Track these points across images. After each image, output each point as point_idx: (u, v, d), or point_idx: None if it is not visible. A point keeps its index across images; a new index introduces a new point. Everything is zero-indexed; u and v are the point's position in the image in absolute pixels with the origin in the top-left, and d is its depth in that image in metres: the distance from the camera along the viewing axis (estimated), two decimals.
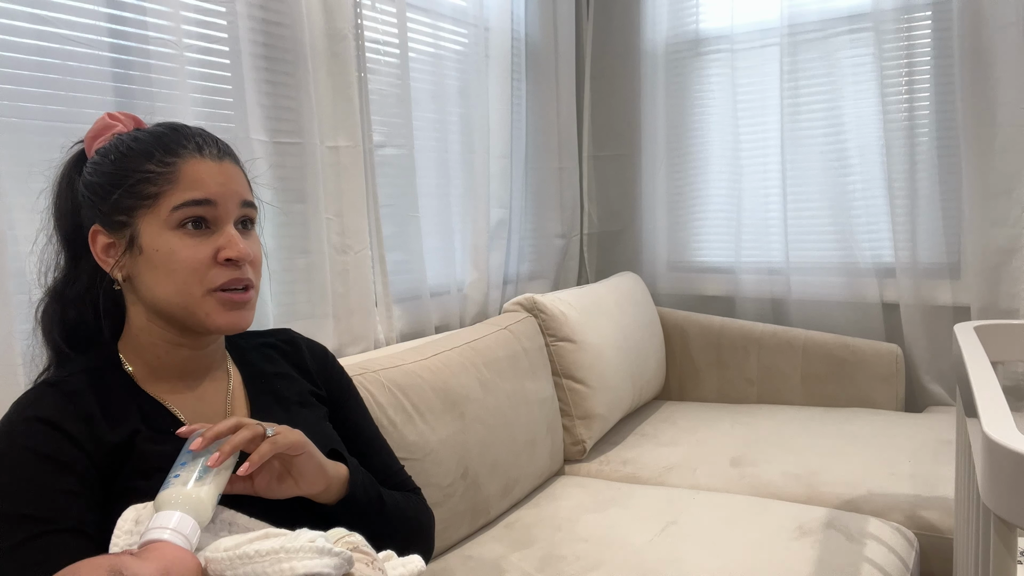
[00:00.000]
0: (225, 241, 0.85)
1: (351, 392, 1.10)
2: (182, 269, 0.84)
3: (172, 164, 0.84)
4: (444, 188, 2.05)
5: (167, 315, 0.87)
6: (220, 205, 0.86)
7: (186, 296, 0.84)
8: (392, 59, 1.82)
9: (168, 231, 0.84)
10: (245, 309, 0.88)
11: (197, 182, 0.85)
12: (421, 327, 1.91)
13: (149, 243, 0.84)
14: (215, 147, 0.88)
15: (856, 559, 1.32)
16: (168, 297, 0.85)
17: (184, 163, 0.85)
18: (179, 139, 0.87)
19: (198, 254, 0.84)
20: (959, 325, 1.17)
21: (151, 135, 0.87)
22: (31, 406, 0.80)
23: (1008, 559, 0.70)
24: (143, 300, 0.87)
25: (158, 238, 0.84)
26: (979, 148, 2.03)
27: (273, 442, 0.81)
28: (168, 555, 0.68)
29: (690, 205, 2.54)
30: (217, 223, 0.86)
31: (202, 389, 0.92)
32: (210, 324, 0.86)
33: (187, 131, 0.89)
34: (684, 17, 2.49)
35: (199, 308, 0.85)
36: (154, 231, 0.84)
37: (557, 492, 1.73)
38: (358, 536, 0.82)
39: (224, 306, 0.86)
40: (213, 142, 0.89)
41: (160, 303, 0.86)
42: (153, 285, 0.85)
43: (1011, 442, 0.64)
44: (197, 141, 0.87)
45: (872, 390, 2.16)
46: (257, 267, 0.91)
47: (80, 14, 1.22)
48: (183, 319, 0.86)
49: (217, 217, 0.86)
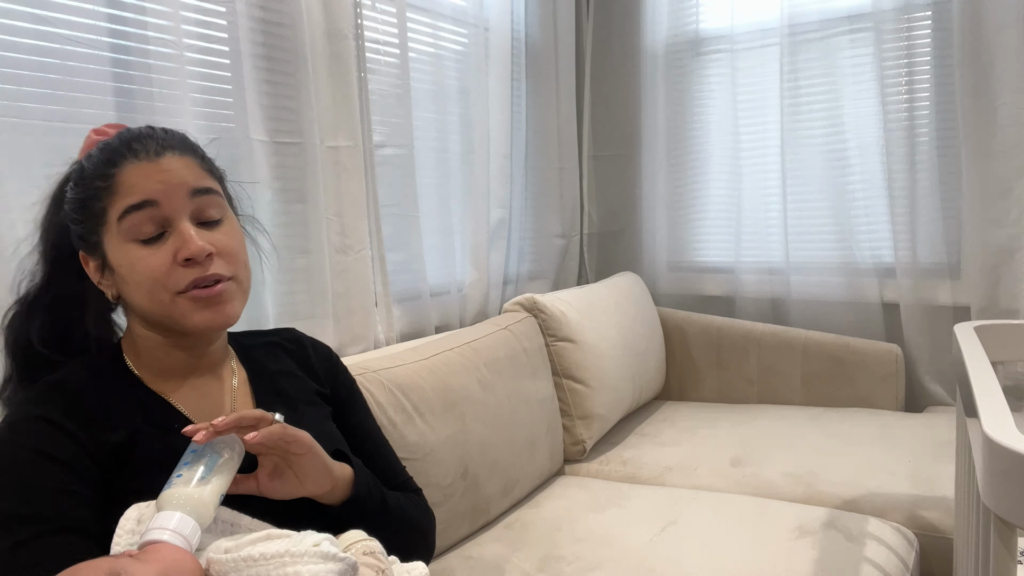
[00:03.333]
0: (180, 241, 0.83)
1: (355, 392, 1.10)
2: (145, 280, 0.83)
3: (111, 175, 0.83)
4: (444, 188, 2.05)
5: (153, 323, 0.87)
6: (163, 203, 0.83)
7: (158, 304, 0.84)
8: (392, 59, 1.82)
9: (124, 244, 0.83)
10: (221, 303, 0.86)
11: (132, 187, 0.82)
12: (421, 327, 1.91)
13: (114, 260, 0.84)
14: (153, 143, 0.85)
15: (856, 559, 1.32)
16: (144, 306, 0.85)
17: (121, 171, 0.83)
18: (120, 147, 0.84)
19: (155, 261, 0.83)
20: (959, 325, 1.18)
21: (99, 149, 0.86)
22: (32, 404, 0.80)
23: (1008, 559, 0.70)
24: (132, 312, 0.89)
25: (118, 253, 0.84)
26: (979, 148, 2.03)
27: (284, 425, 0.82)
28: (168, 557, 0.68)
29: (690, 205, 2.54)
30: (169, 223, 0.83)
31: (206, 387, 0.92)
32: (188, 325, 0.85)
33: (127, 136, 0.86)
34: (684, 17, 2.49)
35: (173, 312, 0.84)
36: (114, 247, 0.84)
37: (557, 492, 1.73)
38: (376, 543, 0.82)
39: (197, 304, 0.84)
40: (151, 139, 0.85)
41: (143, 313, 0.87)
42: (131, 297, 0.86)
43: (1011, 442, 0.64)
44: (134, 145, 0.84)
45: (872, 390, 2.16)
46: (232, 256, 0.87)
47: (80, 14, 1.22)
48: (166, 325, 0.87)
49: (166, 217, 0.83)
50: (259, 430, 0.80)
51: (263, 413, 0.82)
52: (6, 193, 1.11)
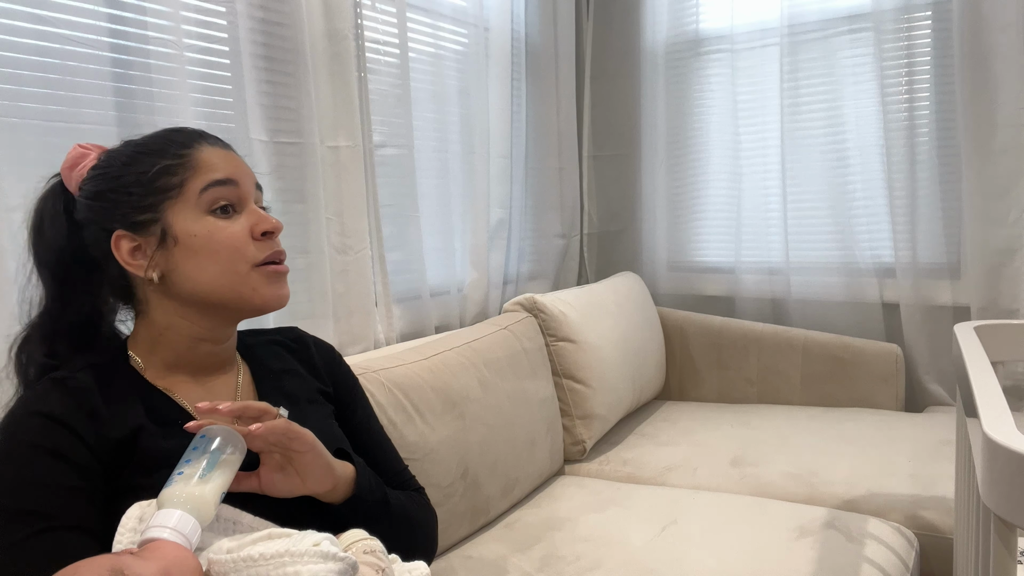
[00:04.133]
0: (257, 217, 0.89)
1: (358, 391, 1.10)
2: (224, 248, 0.86)
3: (186, 155, 0.87)
4: (444, 188, 2.05)
5: (210, 303, 0.87)
6: (241, 185, 0.89)
7: (232, 275, 0.86)
8: (392, 59, 1.82)
9: (201, 216, 0.86)
10: (285, 282, 0.91)
11: (215, 165, 0.88)
12: (421, 327, 1.91)
13: (184, 230, 0.85)
14: (214, 138, 0.92)
15: (856, 559, 1.32)
16: (213, 280, 0.86)
17: (197, 151, 0.88)
18: (184, 134, 0.90)
19: (236, 230, 0.87)
20: (959, 325, 1.17)
21: (151, 137, 0.90)
22: (35, 402, 0.80)
23: (1008, 559, 0.70)
24: (181, 294, 0.87)
25: (194, 224, 0.85)
26: (979, 148, 2.03)
27: (288, 421, 0.83)
28: (169, 555, 0.68)
29: (690, 205, 2.54)
30: (241, 203, 0.89)
31: (211, 384, 0.92)
32: (257, 300, 0.88)
33: (188, 128, 0.92)
34: (684, 17, 2.49)
35: (245, 285, 0.87)
36: (187, 218, 0.85)
37: (557, 492, 1.73)
38: (377, 542, 0.83)
39: (269, 279, 0.89)
40: (212, 136, 0.92)
41: (203, 290, 0.86)
42: (195, 273, 0.85)
43: (1011, 442, 0.64)
44: (200, 134, 0.91)
45: (872, 390, 2.16)
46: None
47: (80, 14, 1.22)
48: (229, 300, 0.87)
49: (240, 197, 0.89)
50: (264, 424, 0.80)
51: (267, 406, 0.83)
52: (6, 193, 1.11)
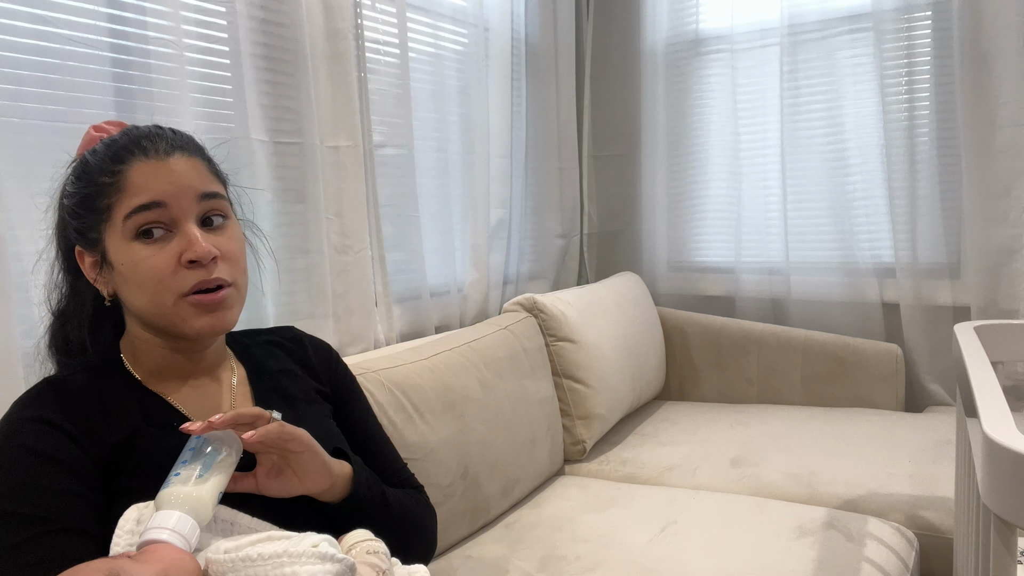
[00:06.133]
0: (186, 243, 0.82)
1: (355, 390, 1.10)
2: (148, 280, 0.82)
3: (119, 172, 0.82)
4: (444, 188, 2.05)
5: (151, 325, 0.87)
6: (172, 205, 0.82)
7: (159, 305, 0.83)
8: (392, 59, 1.82)
9: (127, 242, 0.82)
10: (222, 309, 0.85)
11: (142, 186, 0.82)
12: (421, 327, 1.91)
13: (115, 257, 0.83)
14: (163, 143, 0.85)
15: (856, 559, 1.32)
16: (144, 308, 0.85)
17: (130, 169, 0.82)
18: (127, 144, 0.84)
19: (159, 262, 0.82)
20: (959, 325, 1.18)
21: (105, 145, 0.85)
22: (31, 405, 0.80)
23: (1008, 559, 0.70)
24: (129, 312, 0.88)
25: (121, 251, 0.83)
26: (979, 148, 2.03)
27: (282, 424, 0.82)
28: (167, 557, 0.68)
29: (690, 205, 2.54)
30: (175, 224, 0.83)
31: (205, 386, 0.92)
32: (188, 330, 0.84)
33: (136, 133, 0.86)
34: (684, 17, 2.49)
35: (174, 315, 0.84)
36: (117, 244, 0.83)
37: (557, 492, 1.73)
38: (381, 543, 0.82)
39: (198, 310, 0.84)
40: (161, 138, 0.85)
41: (142, 314, 0.86)
42: (130, 298, 0.85)
43: (1011, 442, 0.64)
44: (143, 143, 0.84)
45: (872, 390, 2.16)
46: (234, 261, 0.87)
47: (80, 14, 1.22)
48: (164, 328, 0.86)
49: (173, 218, 0.83)
50: (257, 428, 0.80)
51: (260, 411, 0.82)
52: (6, 193, 1.11)
